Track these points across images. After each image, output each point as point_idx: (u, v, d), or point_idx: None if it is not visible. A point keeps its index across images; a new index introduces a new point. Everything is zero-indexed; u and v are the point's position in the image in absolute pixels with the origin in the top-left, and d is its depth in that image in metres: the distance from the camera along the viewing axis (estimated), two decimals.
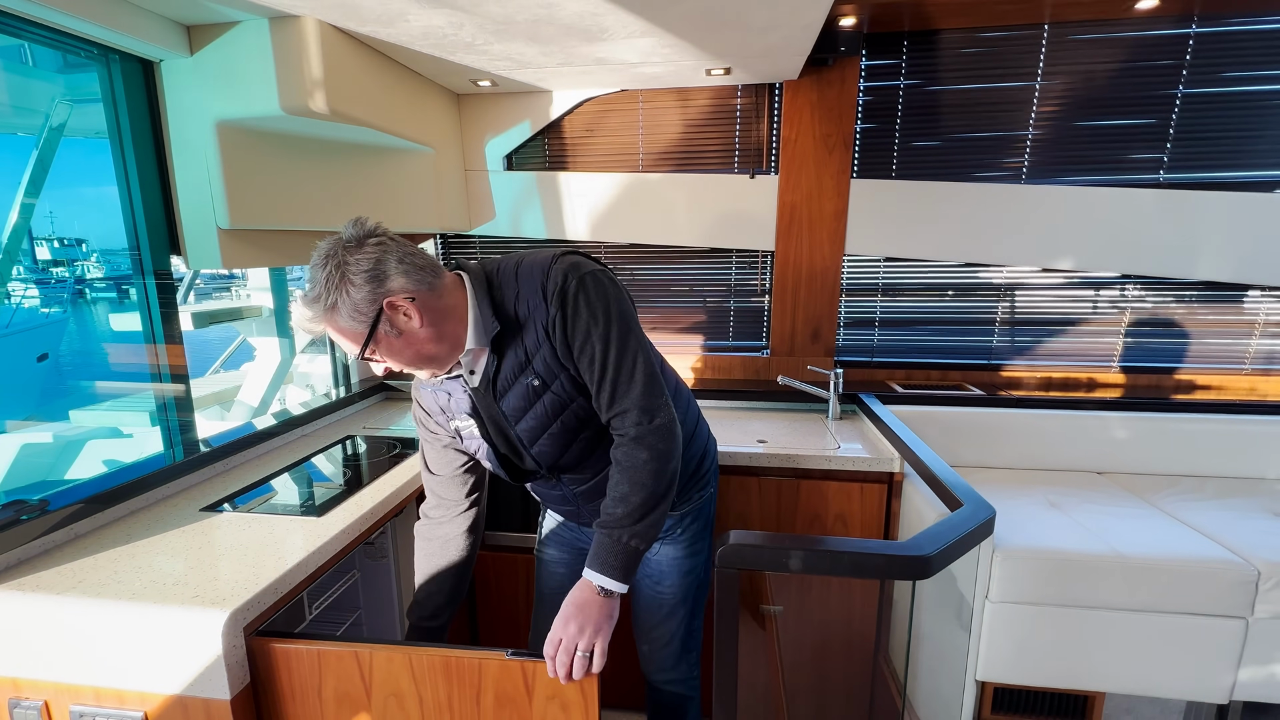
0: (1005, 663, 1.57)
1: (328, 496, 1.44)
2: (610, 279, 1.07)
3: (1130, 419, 2.04)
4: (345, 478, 1.59)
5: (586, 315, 1.01)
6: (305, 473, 1.63)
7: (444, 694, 1.03)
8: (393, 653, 1.02)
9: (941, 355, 2.30)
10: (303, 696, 1.06)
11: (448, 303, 1.03)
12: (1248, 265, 2.06)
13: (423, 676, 1.03)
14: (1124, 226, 2.07)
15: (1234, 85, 1.96)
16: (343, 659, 1.02)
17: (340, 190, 1.82)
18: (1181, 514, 1.75)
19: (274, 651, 1.03)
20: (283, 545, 1.20)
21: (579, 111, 2.19)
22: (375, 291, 0.95)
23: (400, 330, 0.99)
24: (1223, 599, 1.48)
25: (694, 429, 1.32)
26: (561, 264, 1.03)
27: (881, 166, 2.14)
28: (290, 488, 1.52)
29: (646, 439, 1.02)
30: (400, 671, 1.02)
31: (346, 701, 1.05)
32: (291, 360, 2.26)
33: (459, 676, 1.02)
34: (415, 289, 0.98)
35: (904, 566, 1.01)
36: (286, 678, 1.05)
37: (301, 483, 1.56)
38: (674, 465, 1.05)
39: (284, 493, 1.48)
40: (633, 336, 1.04)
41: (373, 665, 1.03)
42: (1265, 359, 2.17)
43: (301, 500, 1.44)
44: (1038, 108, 2.04)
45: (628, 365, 1.02)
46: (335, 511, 1.36)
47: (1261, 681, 1.51)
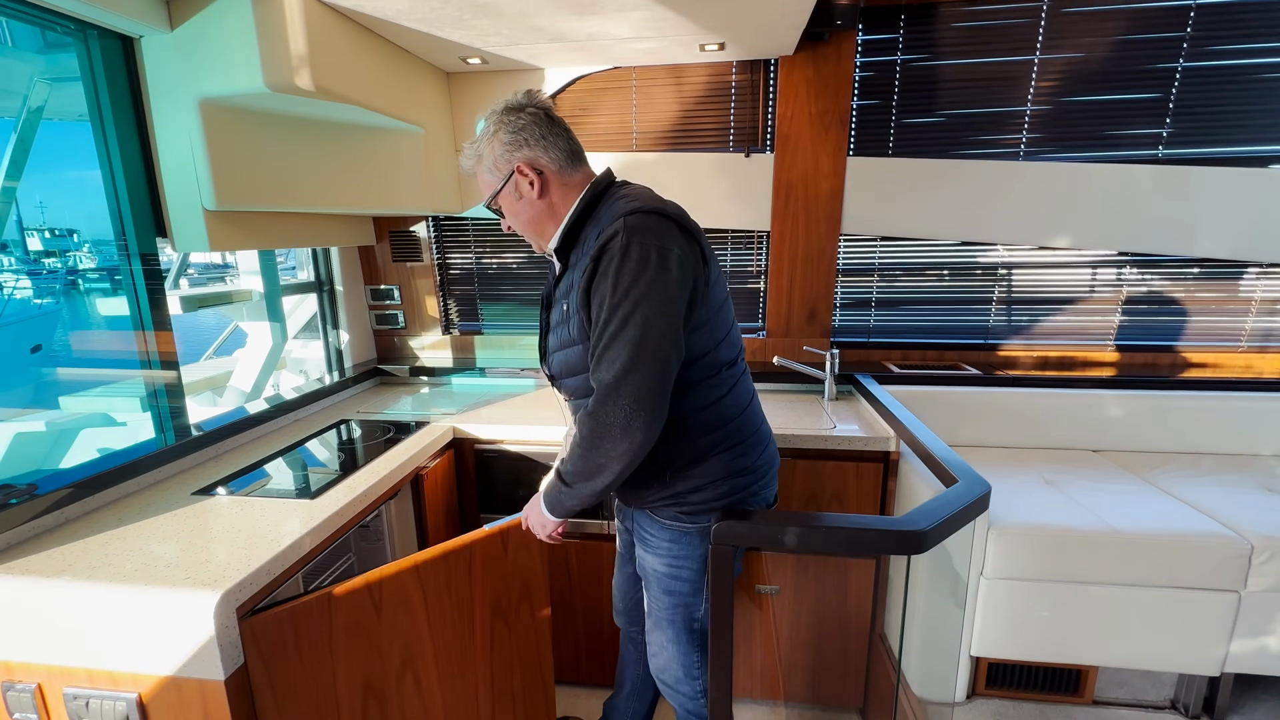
0: (999, 638, 1.58)
1: (322, 480, 1.44)
2: (661, 255, 1.01)
3: (1125, 397, 2.04)
4: (339, 461, 1.58)
5: (611, 280, 1.01)
6: (299, 457, 1.62)
7: (443, 581, 1.23)
8: (402, 568, 1.16)
9: (938, 335, 2.29)
10: (311, 648, 1.07)
11: (565, 195, 1.15)
12: (1245, 242, 2.05)
13: (428, 576, 1.20)
14: (1121, 203, 2.05)
15: (1234, 59, 1.93)
16: (354, 594, 1.10)
17: (329, 171, 1.79)
18: (1176, 490, 1.75)
19: (272, 620, 1.03)
20: (276, 528, 1.20)
21: (571, 90, 2.15)
22: (513, 154, 1.11)
23: (521, 195, 1.14)
24: (1216, 573, 1.49)
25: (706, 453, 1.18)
26: (630, 220, 1.03)
27: (878, 144, 2.11)
28: (284, 471, 1.51)
29: (591, 420, 1.04)
30: (409, 581, 1.17)
31: (358, 632, 1.12)
32: (284, 345, 2.24)
33: (455, 561, 1.24)
34: (546, 165, 1.13)
35: (899, 542, 1.01)
36: (292, 637, 1.05)
37: (295, 466, 1.55)
38: (604, 461, 1.05)
39: (277, 476, 1.48)
40: (639, 321, 0.99)
41: (383, 588, 1.13)
42: (1262, 336, 2.16)
43: (295, 484, 1.43)
44: (1036, 83, 2.01)
45: (617, 346, 1.01)
46: (329, 494, 1.35)
47: (1252, 654, 1.52)
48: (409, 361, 2.44)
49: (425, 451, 1.68)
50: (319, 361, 2.37)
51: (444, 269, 2.41)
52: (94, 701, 1.02)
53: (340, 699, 1.13)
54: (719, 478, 1.19)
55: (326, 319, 2.31)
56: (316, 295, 2.27)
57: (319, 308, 2.29)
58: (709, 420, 1.17)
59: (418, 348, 2.48)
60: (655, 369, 1.01)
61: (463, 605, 1.27)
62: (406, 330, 2.46)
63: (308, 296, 2.33)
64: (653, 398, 1.01)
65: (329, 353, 2.33)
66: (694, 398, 1.15)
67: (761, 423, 1.29)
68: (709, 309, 1.13)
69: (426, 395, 2.23)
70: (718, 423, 1.18)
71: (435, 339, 2.46)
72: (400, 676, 1.19)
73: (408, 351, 2.49)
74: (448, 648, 1.26)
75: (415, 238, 2.36)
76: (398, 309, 2.44)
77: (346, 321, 2.32)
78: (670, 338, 1.02)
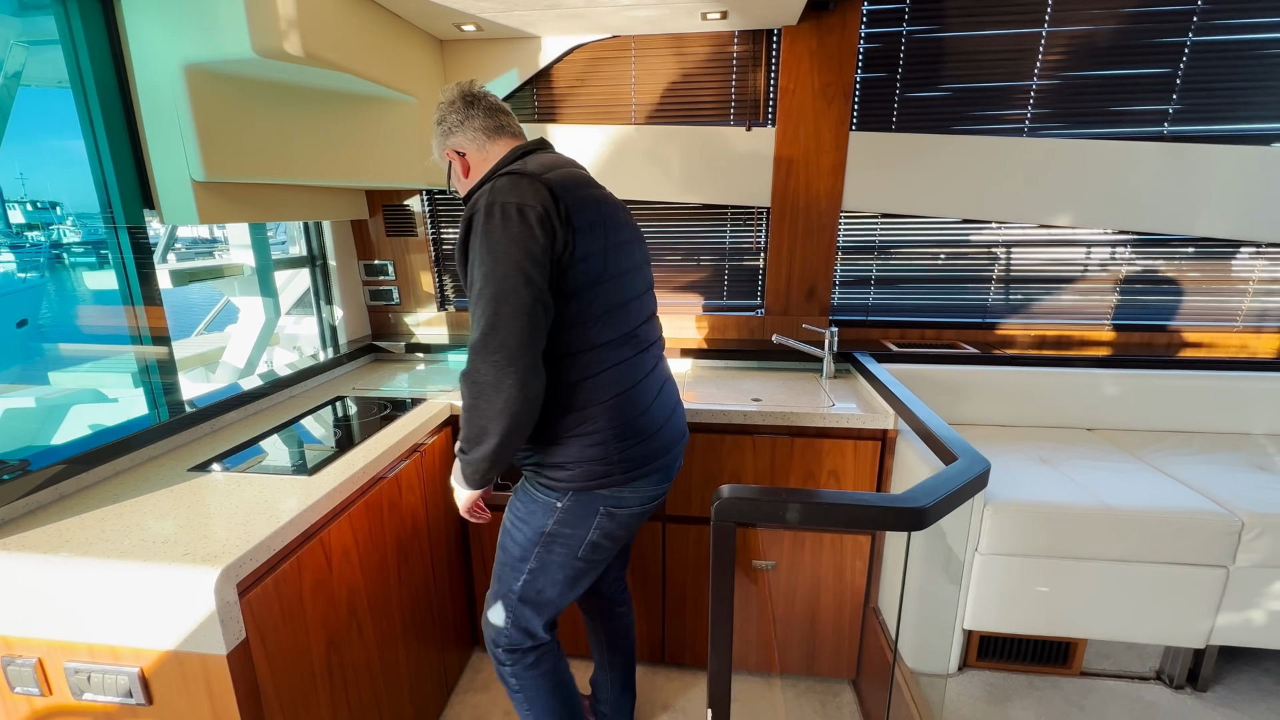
0: (992, 612, 1.61)
1: (319, 457, 1.43)
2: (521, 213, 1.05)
3: (1121, 376, 2.05)
4: (336, 438, 1.57)
5: (477, 240, 1.08)
6: (295, 433, 1.61)
7: (366, 527, 1.37)
8: (340, 522, 1.27)
9: (936, 314, 2.29)
10: (290, 612, 1.13)
11: (483, 169, 1.28)
12: (1245, 221, 2.04)
13: (358, 524, 1.33)
14: (1125, 181, 2.04)
15: (1245, 33, 1.90)
16: (312, 551, 1.19)
17: (320, 142, 1.75)
18: (1169, 468, 1.77)
19: (263, 591, 1.06)
20: (274, 504, 1.19)
21: (569, 60, 2.09)
22: (444, 142, 1.30)
23: (458, 176, 1.32)
24: (1206, 549, 1.51)
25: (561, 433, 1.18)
26: (498, 182, 1.10)
27: (881, 119, 2.07)
28: (280, 448, 1.50)
29: (465, 382, 1.09)
30: (344, 532, 1.28)
31: (319, 588, 1.21)
32: (277, 320, 2.21)
33: (372, 507, 1.39)
34: (465, 146, 1.28)
35: (899, 518, 1.01)
36: (277, 604, 1.09)
37: (291, 443, 1.54)
38: (484, 422, 1.09)
39: (274, 453, 1.47)
40: (498, 278, 1.04)
41: (330, 541, 1.24)
42: (1258, 316, 2.17)
43: (293, 460, 1.42)
44: (1043, 56, 1.97)
45: (480, 304, 1.06)
46: (327, 471, 1.34)
47: (1238, 626, 1.55)
48: (404, 338, 2.41)
49: (424, 428, 1.68)
50: (313, 338, 2.34)
51: (439, 244, 2.38)
52: (95, 675, 1.02)
53: (313, 658, 1.20)
54: (572, 460, 1.19)
55: (320, 295, 2.27)
56: (309, 270, 2.23)
57: (312, 283, 2.25)
58: (571, 400, 1.16)
59: (413, 324, 2.45)
60: (519, 324, 1.04)
61: (380, 548, 1.43)
62: (401, 306, 2.43)
63: (300, 272, 2.29)
64: (521, 353, 1.04)
65: (323, 329, 2.31)
66: (558, 371, 1.15)
67: (644, 415, 1.22)
68: (579, 280, 1.12)
69: (423, 372, 2.22)
70: (579, 404, 1.16)
71: (430, 315, 2.43)
72: (348, 624, 1.31)
73: (403, 328, 2.46)
74: (373, 589, 1.40)
75: (409, 212, 2.31)
76: (392, 285, 2.40)
77: (340, 297, 2.29)
78: (533, 293, 1.05)
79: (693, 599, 1.92)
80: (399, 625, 1.55)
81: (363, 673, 1.39)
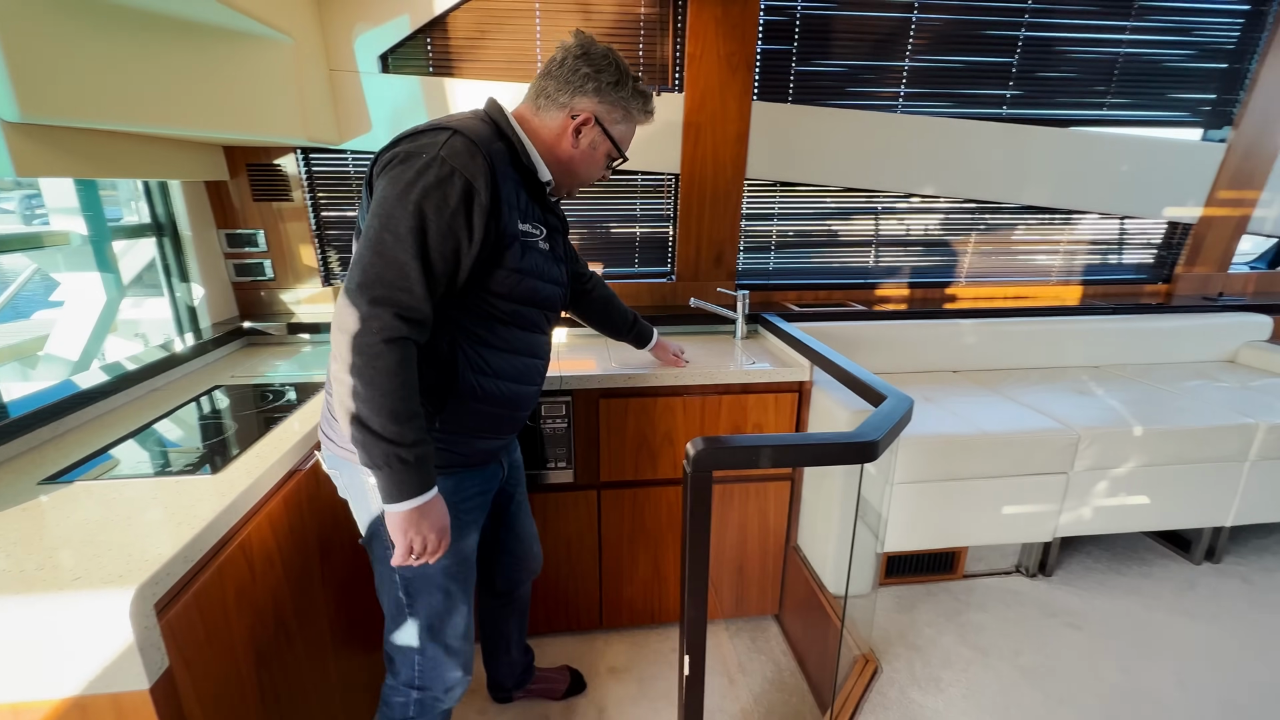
0: (899, 534, 1.83)
1: (220, 453, 1.22)
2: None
3: (976, 325, 2.39)
4: (232, 432, 1.35)
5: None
6: (176, 430, 1.36)
7: (286, 526, 1.22)
8: (259, 522, 1.12)
9: (828, 276, 2.49)
10: (214, 629, 0.98)
11: None
12: (1059, 192, 2.46)
13: (279, 521, 1.19)
14: (973, 156, 2.36)
15: (1057, 32, 2.27)
16: (234, 559, 1.04)
17: (170, 81, 1.45)
18: (1019, 397, 2.12)
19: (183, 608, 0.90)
20: (181, 509, 1.00)
21: (467, 9, 1.93)
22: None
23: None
24: (1053, 459, 1.84)
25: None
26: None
27: (779, 90, 2.18)
28: (158, 448, 1.26)
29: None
30: (265, 533, 1.14)
31: (243, 598, 1.06)
32: (119, 302, 1.83)
33: (291, 504, 1.24)
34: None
35: (857, 452, 1.10)
36: (200, 622, 0.94)
37: (174, 442, 1.30)
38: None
39: (154, 454, 1.23)
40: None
41: (252, 545, 1.09)
42: (1065, 272, 2.65)
43: (186, 460, 1.20)
44: (913, 40, 2.20)
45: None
46: (235, 467, 1.16)
47: (1074, 521, 1.92)
48: (283, 318, 2.12)
49: None
50: (162, 322, 1.98)
51: (319, 210, 2.11)
52: None
53: (243, 678, 1.06)
54: None
55: (171, 271, 1.92)
56: (155, 241, 1.87)
57: (159, 257, 1.89)
58: None
59: (291, 302, 2.16)
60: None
61: (302, 547, 1.28)
62: (276, 282, 2.13)
63: (139, 243, 1.91)
64: None
65: (177, 311, 1.95)
66: None
67: None
68: None
69: (312, 354, 1.97)
70: None
71: (313, 291, 2.16)
72: (276, 635, 1.17)
73: (279, 306, 2.16)
74: (299, 593, 1.26)
75: (281, 174, 2.02)
76: (263, 257, 2.10)
77: (198, 273, 1.95)
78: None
79: (628, 563, 1.95)
80: (326, 630, 1.40)
81: (294, 687, 1.24)
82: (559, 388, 1.71)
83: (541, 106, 1.11)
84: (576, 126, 1.10)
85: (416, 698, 1.23)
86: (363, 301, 0.93)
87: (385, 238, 0.94)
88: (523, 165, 1.09)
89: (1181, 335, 2.53)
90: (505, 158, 1.04)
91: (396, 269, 0.94)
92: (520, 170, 1.08)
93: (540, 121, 1.12)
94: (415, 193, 0.94)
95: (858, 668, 1.78)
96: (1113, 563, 2.24)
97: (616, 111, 1.12)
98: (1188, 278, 2.66)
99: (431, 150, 0.96)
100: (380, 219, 0.94)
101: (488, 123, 1.06)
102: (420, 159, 0.95)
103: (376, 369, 0.93)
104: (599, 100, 1.10)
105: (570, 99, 1.09)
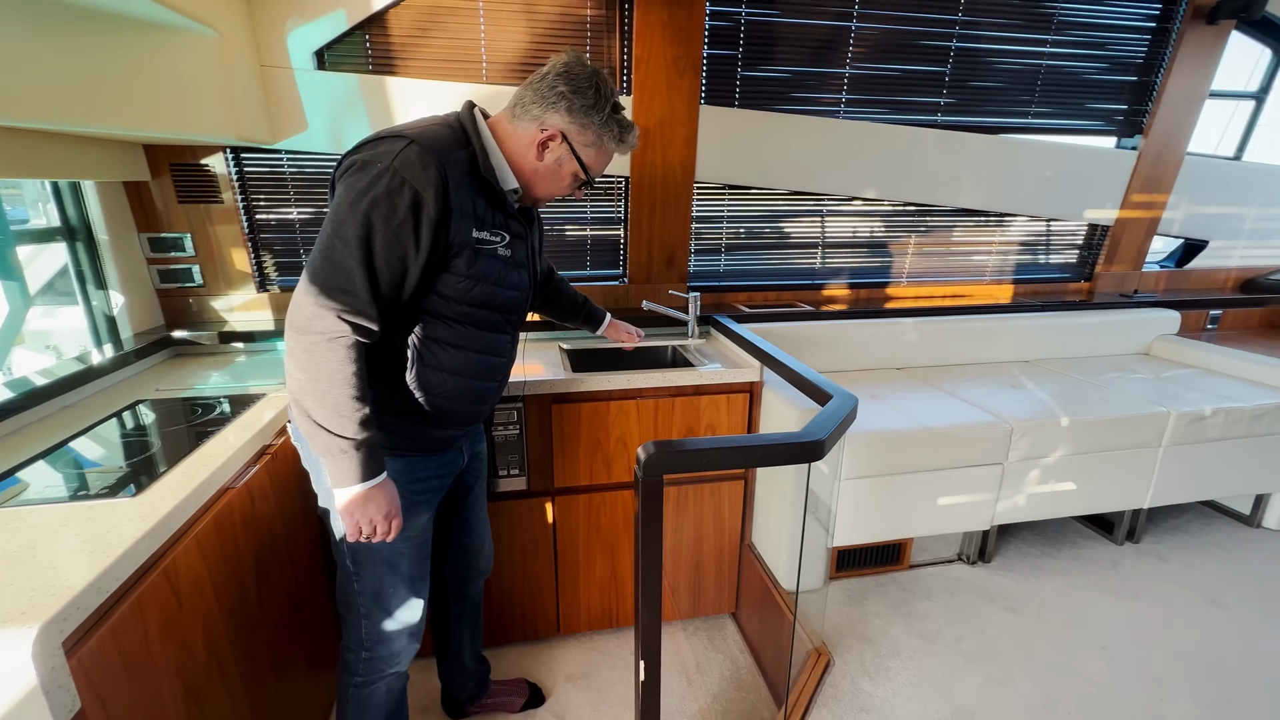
0: (848, 529, 1.88)
1: (143, 473, 1.15)
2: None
3: (917, 323, 2.49)
4: (156, 450, 1.27)
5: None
6: (92, 449, 1.27)
7: (219, 549, 1.15)
8: (186, 546, 1.06)
9: (777, 278, 2.55)
10: (135, 665, 0.91)
11: None
12: (989, 196, 2.59)
13: (208, 545, 1.12)
14: (911, 161, 2.45)
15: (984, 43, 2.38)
16: (157, 588, 0.97)
17: (81, 75, 1.35)
18: (958, 392, 2.21)
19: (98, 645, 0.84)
20: (93, 537, 0.94)
21: (408, 6, 1.88)
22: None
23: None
24: (989, 451, 1.93)
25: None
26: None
27: (726, 94, 2.21)
28: (73, 470, 1.18)
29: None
30: (193, 558, 1.08)
31: (168, 630, 1.00)
32: (25, 311, 1.69)
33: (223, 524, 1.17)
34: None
35: (804, 451, 1.13)
36: (117, 659, 0.88)
37: (91, 462, 1.22)
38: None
39: (66, 477, 1.14)
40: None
41: (178, 571, 1.03)
42: (997, 272, 2.79)
43: (103, 482, 1.12)
44: (853, 48, 2.27)
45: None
46: (158, 488, 1.09)
47: (1010, 509, 2.02)
48: (214, 326, 2.01)
49: (271, 427, 1.43)
50: (77, 333, 1.84)
51: (252, 213, 2.01)
52: None
53: (168, 712, 0.99)
54: None
55: (86, 278, 1.79)
56: (67, 246, 1.74)
57: (72, 263, 1.76)
58: None
59: (224, 309, 2.05)
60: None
61: (236, 571, 1.22)
62: (206, 289, 2.02)
63: (48, 248, 1.77)
64: None
65: (94, 321, 1.82)
66: None
67: None
68: None
69: (247, 364, 1.88)
70: None
71: (248, 298, 2.06)
72: (207, 666, 1.12)
73: (210, 314, 2.05)
74: (233, 620, 1.21)
75: (209, 174, 1.91)
76: (190, 262, 1.98)
77: (117, 280, 1.83)
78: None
79: (584, 568, 1.94)
80: (265, 656, 1.33)
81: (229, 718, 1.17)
82: (509, 394, 1.69)
83: (517, 115, 1.13)
84: (543, 141, 1.11)
85: (365, 657, 1.27)
86: (309, 301, 0.97)
87: (335, 243, 0.98)
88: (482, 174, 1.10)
89: (1102, 330, 2.71)
90: (464, 166, 1.06)
91: (343, 273, 0.97)
92: (479, 179, 1.08)
93: (513, 130, 1.13)
94: (365, 202, 0.97)
95: (811, 661, 1.82)
96: (1045, 547, 2.36)
97: (588, 134, 1.12)
98: (1107, 276, 2.84)
99: (385, 160, 0.98)
100: (333, 224, 0.98)
101: (454, 129, 1.08)
102: (374, 168, 0.98)
103: (320, 365, 0.97)
104: (570, 119, 1.10)
105: (542, 113, 1.10)
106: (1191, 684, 1.75)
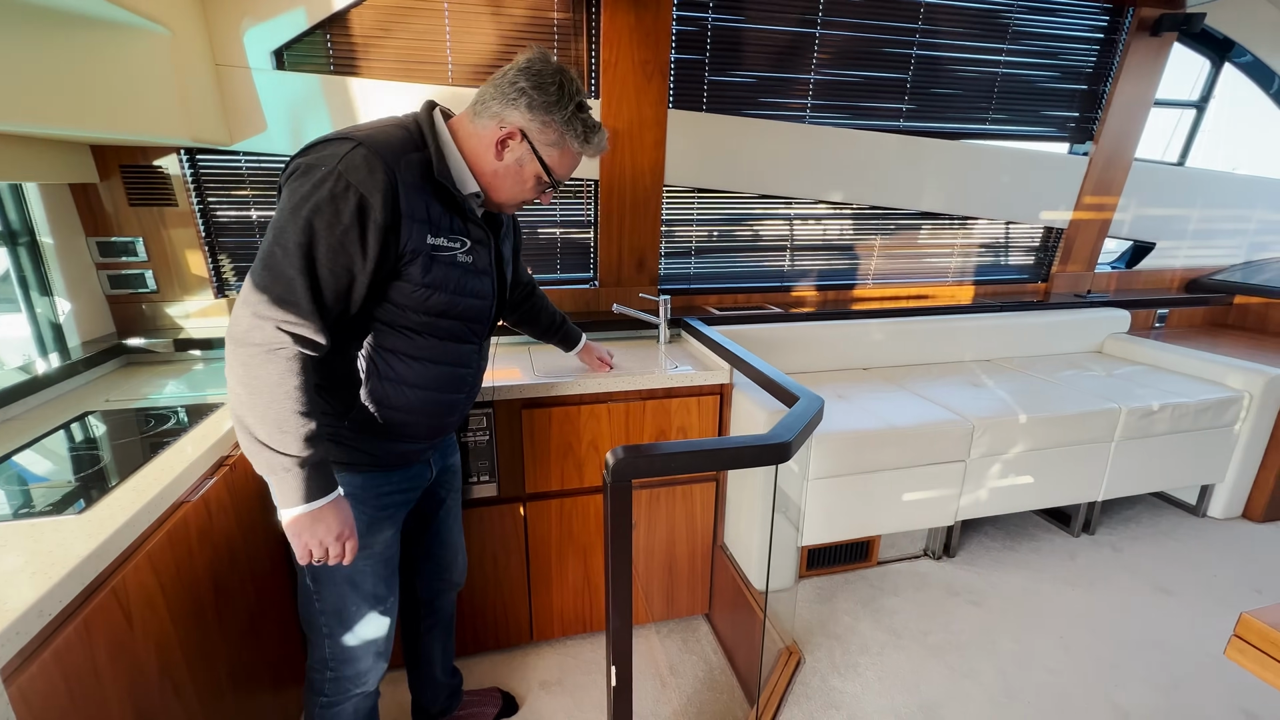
0: (817, 528, 1.91)
1: (91, 488, 1.10)
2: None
3: (883, 324, 2.54)
4: (106, 463, 1.22)
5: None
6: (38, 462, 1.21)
7: (173, 565, 1.11)
8: (138, 563, 1.02)
9: (747, 280, 2.57)
10: (82, 691, 0.88)
11: None
12: (951, 199, 2.66)
13: (162, 561, 1.08)
14: (875, 165, 2.50)
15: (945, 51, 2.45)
16: (105, 608, 0.94)
17: (24, 72, 1.30)
18: (922, 391, 2.27)
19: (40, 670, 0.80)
20: (36, 556, 0.89)
21: (370, 5, 1.85)
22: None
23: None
24: (953, 448, 1.98)
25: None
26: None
27: (694, 99, 2.23)
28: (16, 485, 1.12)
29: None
30: (145, 576, 1.04)
31: (119, 652, 0.96)
32: None
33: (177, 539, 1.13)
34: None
35: (772, 453, 1.14)
36: (62, 685, 0.84)
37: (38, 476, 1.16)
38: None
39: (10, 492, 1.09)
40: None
41: (128, 590, 0.99)
42: (959, 273, 2.87)
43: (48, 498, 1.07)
44: (818, 54, 2.31)
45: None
46: (107, 503, 1.05)
47: (973, 504, 2.08)
48: (168, 333, 1.94)
49: (230, 437, 1.39)
50: (20, 342, 1.76)
51: (209, 215, 1.94)
52: None
53: None
54: None
55: (29, 283, 1.71)
56: (9, 250, 1.66)
57: (13, 268, 1.68)
58: None
59: (179, 316, 1.98)
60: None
61: (192, 588, 1.18)
62: (160, 295, 1.95)
63: None
64: None
65: (39, 329, 1.74)
66: None
67: None
68: None
69: (204, 373, 1.82)
70: None
71: (205, 304, 1.99)
72: (161, 689, 1.07)
73: (164, 321, 1.98)
74: (189, 640, 1.17)
75: (162, 175, 1.85)
76: (143, 267, 1.91)
77: (64, 286, 1.75)
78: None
79: (556, 573, 1.93)
80: (224, 676, 1.29)
81: None
82: (478, 399, 1.67)
83: (478, 114, 1.07)
84: (503, 139, 1.06)
85: (330, 677, 1.24)
86: (247, 312, 0.93)
87: (275, 250, 0.93)
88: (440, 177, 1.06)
89: (1057, 329, 2.80)
90: (417, 169, 1.00)
91: (284, 283, 0.92)
92: (434, 182, 1.04)
93: (474, 129, 1.08)
94: (307, 208, 0.92)
95: (782, 660, 1.84)
96: (1007, 540, 2.44)
97: (549, 133, 1.06)
98: (1062, 276, 2.95)
99: (329, 164, 0.93)
100: (274, 232, 0.93)
101: (410, 130, 1.03)
102: (318, 172, 0.93)
103: (259, 379, 0.93)
104: (531, 117, 1.04)
105: (502, 109, 1.05)
106: (1144, 668, 1.83)
